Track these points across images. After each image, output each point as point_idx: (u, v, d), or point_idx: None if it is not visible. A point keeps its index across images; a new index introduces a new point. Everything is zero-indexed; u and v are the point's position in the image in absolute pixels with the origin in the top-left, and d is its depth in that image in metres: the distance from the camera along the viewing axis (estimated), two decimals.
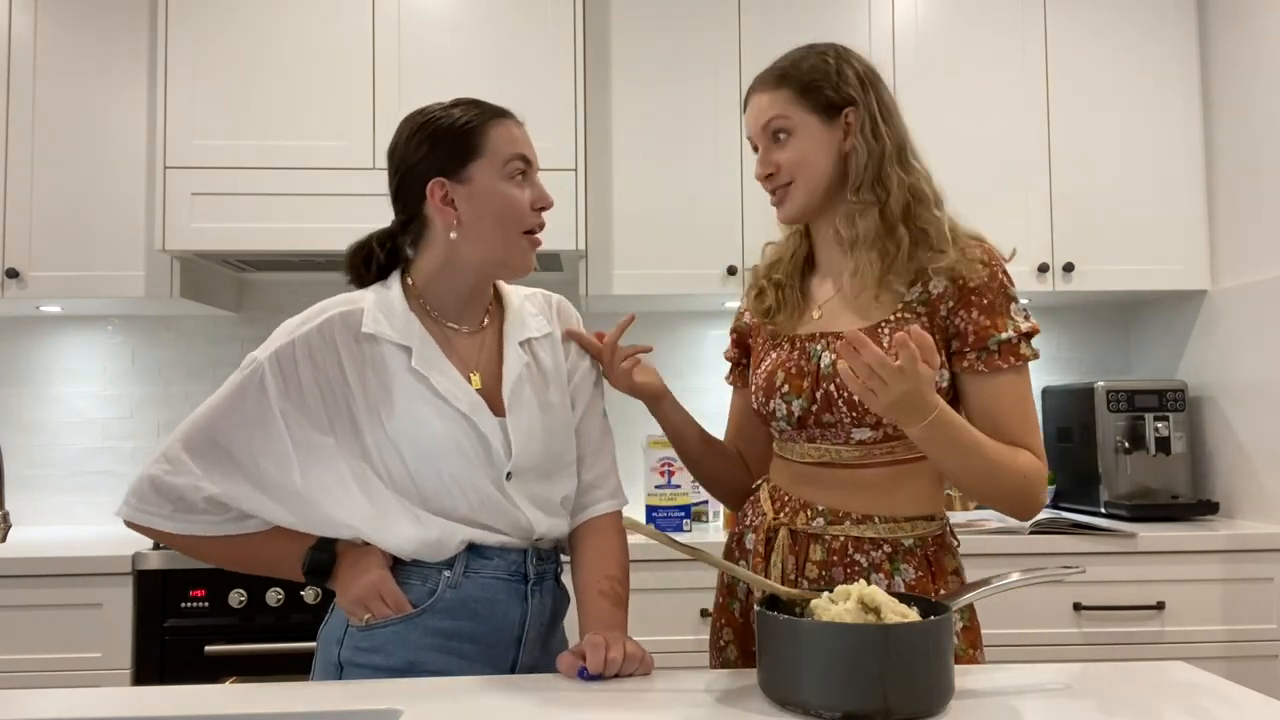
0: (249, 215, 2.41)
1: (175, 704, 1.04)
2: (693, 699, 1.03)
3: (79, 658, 2.17)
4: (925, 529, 1.28)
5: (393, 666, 1.19)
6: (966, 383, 1.26)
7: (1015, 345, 1.23)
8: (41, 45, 2.52)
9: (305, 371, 1.23)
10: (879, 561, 1.26)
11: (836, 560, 1.27)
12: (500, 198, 1.24)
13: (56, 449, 2.87)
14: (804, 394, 1.29)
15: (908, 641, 0.93)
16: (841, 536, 1.27)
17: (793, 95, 1.30)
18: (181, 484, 1.22)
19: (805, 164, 1.30)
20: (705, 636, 2.28)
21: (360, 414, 1.22)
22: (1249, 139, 2.53)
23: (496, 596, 1.24)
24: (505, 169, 1.25)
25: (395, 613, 1.20)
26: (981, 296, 1.24)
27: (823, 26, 2.60)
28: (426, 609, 1.21)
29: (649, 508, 2.45)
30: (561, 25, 2.49)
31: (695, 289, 2.60)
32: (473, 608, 1.22)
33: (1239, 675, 1.25)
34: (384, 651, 1.20)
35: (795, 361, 1.32)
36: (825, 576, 1.27)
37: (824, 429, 1.29)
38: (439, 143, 1.26)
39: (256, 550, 1.27)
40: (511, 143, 1.26)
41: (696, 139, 2.61)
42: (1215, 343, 2.63)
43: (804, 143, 1.30)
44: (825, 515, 1.29)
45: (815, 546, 1.29)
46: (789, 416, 1.31)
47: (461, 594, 1.22)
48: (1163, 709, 0.97)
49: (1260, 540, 2.30)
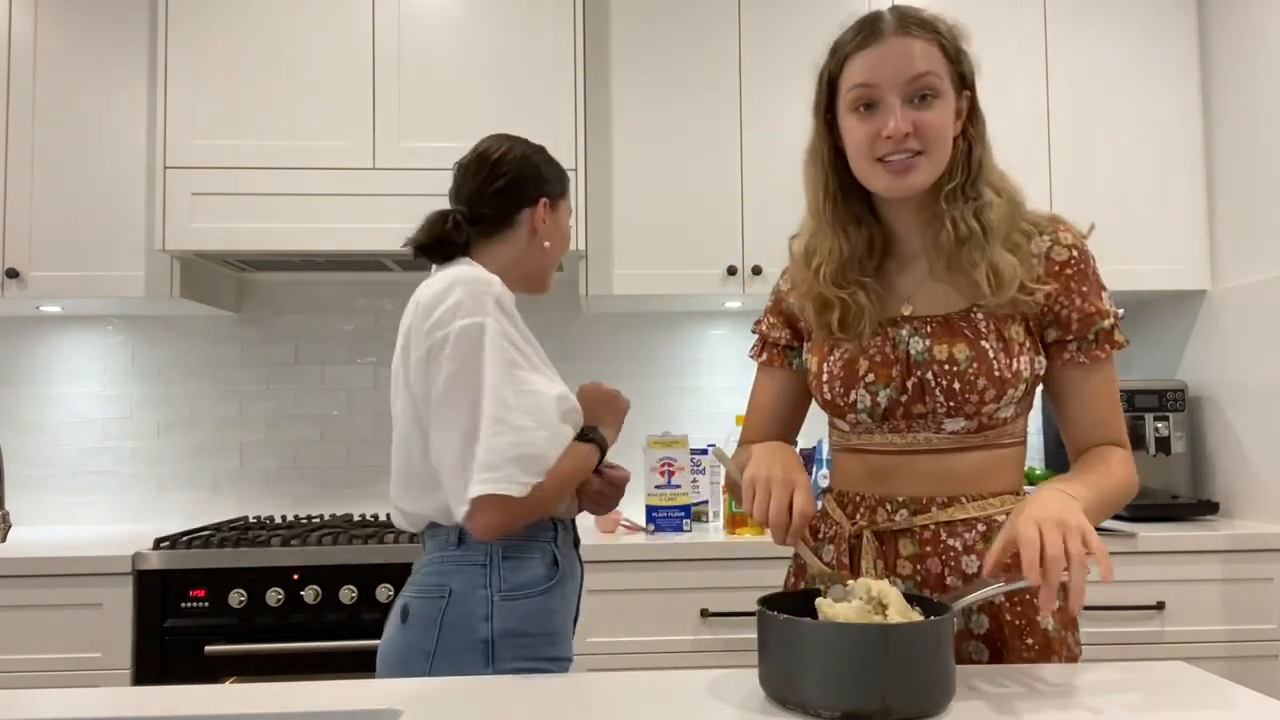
0: (249, 215, 2.41)
1: (175, 704, 1.04)
2: (693, 699, 1.03)
3: (79, 658, 2.17)
4: (1014, 503, 1.21)
5: (544, 631, 1.36)
6: (1066, 373, 1.21)
7: (1111, 333, 1.20)
8: (41, 45, 2.52)
9: (517, 319, 1.37)
10: (972, 543, 1.18)
11: (930, 550, 1.19)
12: (566, 232, 1.57)
13: (56, 449, 2.87)
14: (893, 383, 1.20)
15: (908, 641, 0.93)
16: (931, 525, 1.19)
17: (942, 55, 1.16)
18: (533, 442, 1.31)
19: (944, 140, 1.16)
20: (705, 636, 2.28)
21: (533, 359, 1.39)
22: (1249, 139, 2.53)
23: (574, 558, 1.47)
24: (571, 210, 1.60)
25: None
26: (1080, 282, 1.19)
27: (823, 26, 2.59)
28: (559, 578, 1.39)
29: (649, 508, 2.45)
30: (561, 25, 2.49)
31: (695, 289, 2.60)
32: (572, 571, 1.44)
33: (1239, 675, 1.25)
34: (537, 620, 1.35)
35: (881, 349, 1.21)
36: (921, 570, 1.19)
37: (912, 420, 1.20)
38: (553, 171, 1.53)
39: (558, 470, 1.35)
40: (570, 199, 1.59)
41: (696, 139, 2.61)
42: (1215, 343, 2.63)
43: (947, 113, 1.16)
44: (909, 506, 1.20)
45: (904, 541, 1.20)
46: (873, 408, 1.21)
47: (566, 560, 1.42)
48: (1163, 709, 0.97)
49: (1260, 540, 2.30)
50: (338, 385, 2.92)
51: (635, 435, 2.86)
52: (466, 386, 1.27)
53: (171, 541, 2.27)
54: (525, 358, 1.33)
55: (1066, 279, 1.19)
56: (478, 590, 1.33)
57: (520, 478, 1.25)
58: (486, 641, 1.31)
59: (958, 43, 1.19)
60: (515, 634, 1.32)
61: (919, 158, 1.15)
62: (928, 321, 1.21)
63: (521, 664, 1.31)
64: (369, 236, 2.39)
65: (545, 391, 1.32)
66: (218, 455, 2.89)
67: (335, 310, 2.95)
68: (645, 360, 2.98)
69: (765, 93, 2.61)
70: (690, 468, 2.47)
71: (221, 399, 2.91)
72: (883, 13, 1.18)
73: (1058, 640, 1.18)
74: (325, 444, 2.90)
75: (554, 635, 1.37)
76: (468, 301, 1.31)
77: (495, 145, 1.50)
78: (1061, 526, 0.98)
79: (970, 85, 1.21)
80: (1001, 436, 1.21)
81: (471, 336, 1.28)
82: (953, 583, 1.18)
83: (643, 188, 2.60)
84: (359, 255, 2.46)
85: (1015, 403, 1.20)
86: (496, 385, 1.27)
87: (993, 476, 1.22)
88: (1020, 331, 1.19)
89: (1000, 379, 1.16)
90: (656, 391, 2.97)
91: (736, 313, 2.97)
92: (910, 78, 1.14)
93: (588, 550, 1.81)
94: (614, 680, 1.12)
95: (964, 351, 1.17)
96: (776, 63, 2.62)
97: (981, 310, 1.19)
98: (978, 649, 1.18)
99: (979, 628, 1.18)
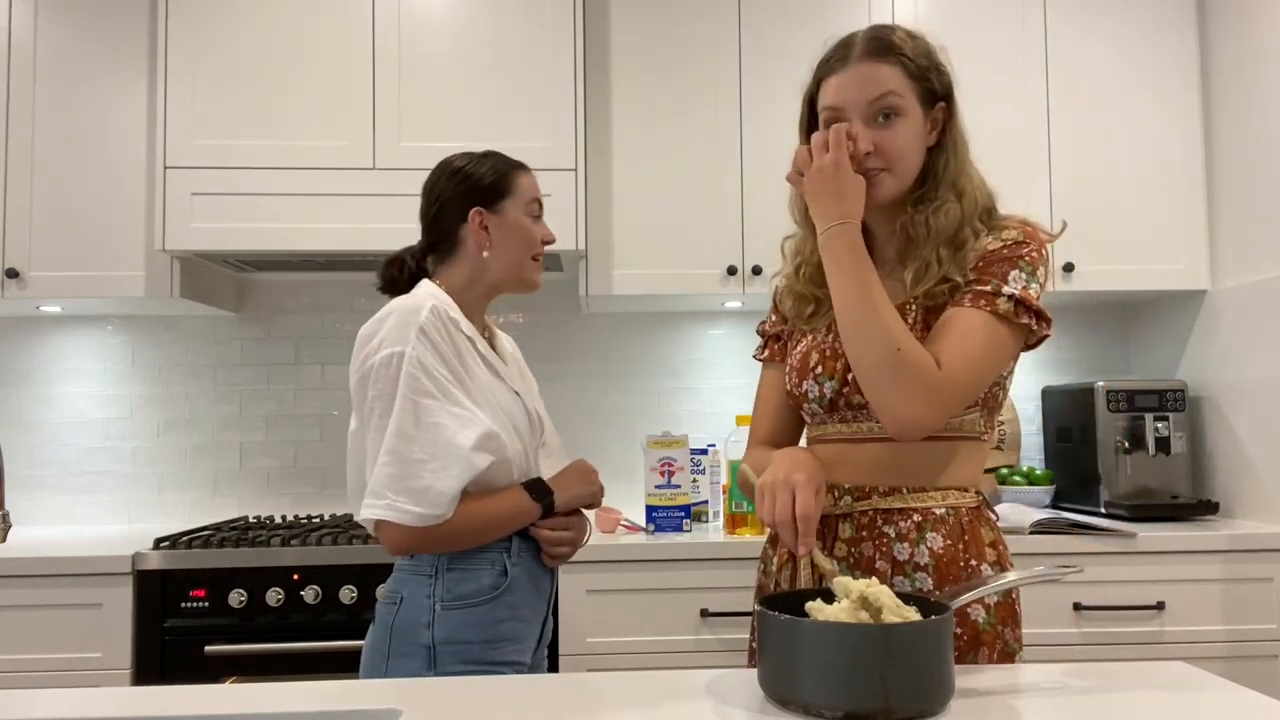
0: (249, 215, 2.41)
1: (175, 704, 1.04)
2: (693, 699, 1.03)
3: (79, 658, 2.17)
4: (959, 499, 1.25)
5: (484, 639, 1.41)
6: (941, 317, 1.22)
7: (993, 296, 1.19)
8: (41, 45, 2.52)
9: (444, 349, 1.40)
10: (906, 531, 1.24)
11: (865, 535, 1.25)
12: (516, 229, 1.55)
13: (56, 449, 2.87)
14: (835, 375, 1.27)
15: (908, 641, 0.93)
16: (869, 510, 1.26)
17: (903, 75, 1.23)
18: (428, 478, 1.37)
19: (906, 156, 1.23)
20: (705, 636, 2.28)
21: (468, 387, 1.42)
22: (1249, 139, 2.53)
23: (538, 569, 1.51)
24: (527, 208, 1.56)
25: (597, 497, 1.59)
26: (991, 261, 1.22)
27: (823, 26, 2.60)
28: (505, 589, 1.44)
29: (649, 508, 2.45)
30: (561, 26, 2.49)
31: (695, 289, 2.60)
32: (528, 582, 1.48)
33: (1239, 675, 1.25)
34: (477, 628, 1.41)
35: (829, 343, 1.30)
36: (855, 553, 1.26)
37: (855, 410, 1.27)
38: (485, 175, 1.54)
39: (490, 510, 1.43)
40: (533, 189, 1.58)
41: (697, 139, 2.61)
42: (1215, 343, 2.63)
43: (909, 131, 1.23)
44: (852, 493, 1.27)
45: (843, 525, 1.27)
46: (820, 398, 1.29)
47: (523, 569, 1.47)
48: (1163, 709, 0.97)
49: (1260, 540, 2.30)
50: (338, 385, 2.92)
51: (635, 435, 2.87)
52: (382, 415, 1.37)
53: (171, 541, 2.27)
54: (440, 388, 1.37)
55: (987, 261, 1.22)
56: (423, 599, 1.41)
57: (406, 506, 1.33)
58: (428, 647, 1.39)
59: (927, 60, 1.25)
60: (455, 641, 1.40)
61: (882, 174, 1.23)
62: None
63: (464, 667, 1.39)
64: (369, 236, 2.39)
65: (449, 424, 1.35)
66: (218, 455, 2.89)
67: (335, 310, 2.95)
68: (645, 360, 2.98)
69: (765, 93, 2.61)
70: (690, 468, 2.47)
71: (221, 399, 2.91)
72: (853, 37, 1.27)
73: (989, 634, 1.22)
74: (325, 444, 2.90)
75: (499, 641, 1.43)
76: (392, 333, 1.39)
77: (432, 172, 1.58)
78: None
79: (945, 96, 1.27)
80: (944, 429, 1.23)
81: (391, 367, 1.37)
82: (881, 567, 1.24)
83: (643, 188, 2.60)
84: (359, 255, 2.46)
85: None
86: (399, 416, 1.35)
87: (938, 469, 1.25)
88: None
89: None
90: (656, 391, 2.97)
91: (736, 313, 2.97)
92: (870, 100, 1.22)
93: (588, 550, 1.81)
94: (614, 680, 1.12)
95: None
96: (777, 63, 2.62)
97: (915, 303, 1.24)
98: None
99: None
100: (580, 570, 2.21)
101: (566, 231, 2.45)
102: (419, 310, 1.40)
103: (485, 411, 1.41)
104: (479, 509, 1.40)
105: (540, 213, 1.59)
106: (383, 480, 1.34)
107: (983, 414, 1.28)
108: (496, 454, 1.40)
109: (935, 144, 1.27)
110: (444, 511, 1.35)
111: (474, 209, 1.52)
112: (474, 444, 1.36)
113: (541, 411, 1.58)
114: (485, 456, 1.38)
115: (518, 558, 1.47)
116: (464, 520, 1.38)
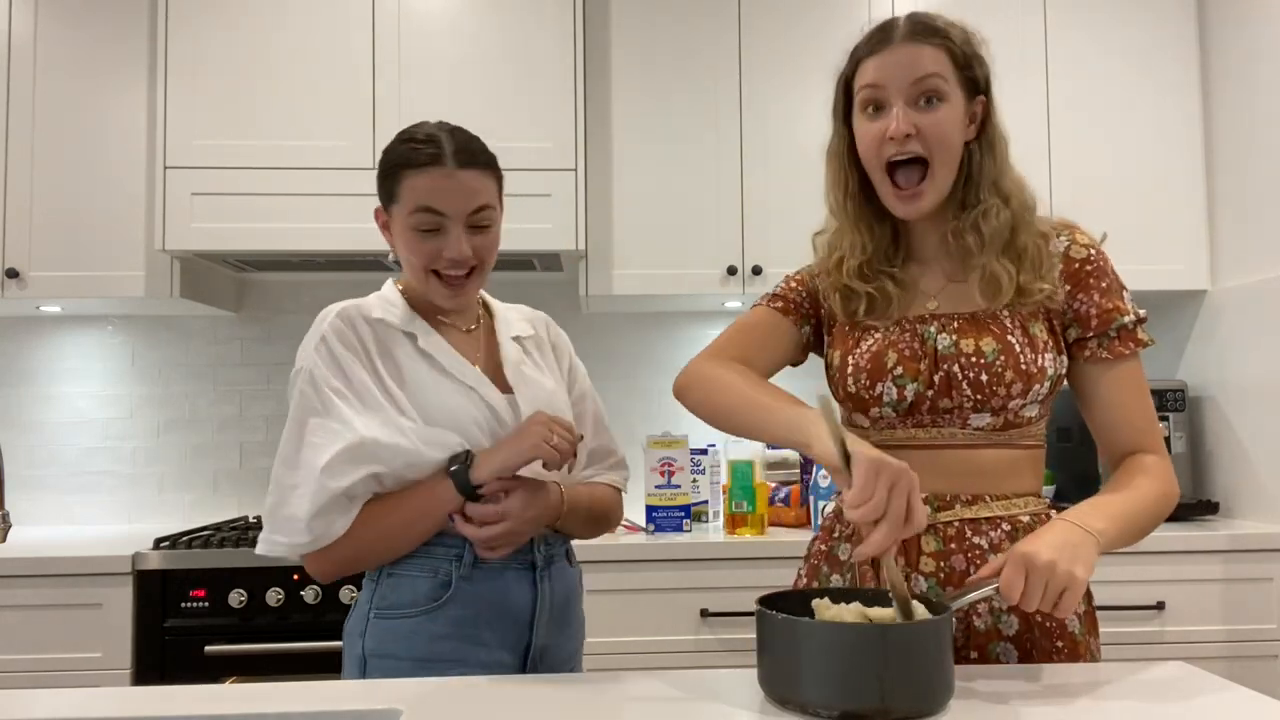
0: (249, 215, 2.41)
1: (175, 704, 1.04)
2: (693, 699, 1.03)
3: (79, 658, 2.17)
4: (1038, 505, 1.23)
5: (415, 657, 1.25)
6: (1089, 372, 1.22)
7: (1134, 330, 1.20)
8: (41, 45, 2.52)
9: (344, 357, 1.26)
10: (998, 542, 1.18)
11: (955, 547, 1.18)
12: (402, 245, 1.32)
13: (56, 449, 2.87)
14: (920, 377, 1.19)
15: (907, 641, 0.93)
16: (955, 521, 1.19)
17: (949, 60, 1.17)
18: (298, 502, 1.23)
19: (948, 143, 1.17)
20: (705, 636, 2.28)
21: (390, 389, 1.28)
22: (1249, 139, 2.53)
23: (508, 586, 1.30)
24: (410, 219, 1.28)
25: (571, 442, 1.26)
26: (1099, 279, 1.21)
27: (824, 27, 2.60)
28: (445, 601, 1.26)
29: (649, 508, 2.45)
30: (561, 26, 2.49)
31: (695, 289, 2.60)
32: (486, 598, 1.28)
33: (1239, 675, 1.25)
34: (406, 641, 1.25)
35: (908, 342, 1.21)
36: (945, 568, 1.18)
37: (938, 415, 1.20)
38: (382, 175, 1.33)
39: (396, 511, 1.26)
40: (424, 195, 1.27)
41: (697, 138, 2.61)
42: (1215, 343, 2.63)
43: (953, 115, 1.17)
44: (932, 502, 1.19)
45: (927, 538, 1.19)
46: (899, 402, 1.20)
47: (474, 585, 1.28)
48: (1163, 709, 0.97)
49: (1260, 540, 2.30)
50: None
51: (635, 435, 2.86)
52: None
53: (171, 541, 2.27)
54: (324, 402, 1.23)
55: (1085, 275, 1.21)
56: (364, 603, 1.31)
57: (275, 537, 1.22)
58: (361, 657, 1.28)
59: (970, 48, 1.21)
60: (383, 654, 1.26)
61: (925, 182, 1.18)
62: (954, 318, 1.22)
63: None
64: (369, 237, 2.36)
65: (318, 443, 1.22)
66: (218, 455, 2.89)
67: None
68: (645, 360, 2.98)
69: (766, 92, 2.61)
70: (690, 468, 2.47)
71: (221, 399, 2.90)
72: (897, 20, 1.21)
73: (1083, 644, 1.19)
74: None
75: (434, 662, 1.24)
76: (304, 345, 1.29)
77: None
78: (1048, 573, 1.00)
79: (984, 90, 1.23)
80: (1024, 437, 1.22)
81: (293, 386, 1.27)
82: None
83: (643, 187, 2.60)
84: (359, 255, 2.46)
85: (1039, 401, 1.21)
86: (284, 442, 1.25)
87: (1015, 476, 1.22)
88: (1044, 329, 1.21)
89: (1027, 373, 1.18)
90: (656, 391, 2.96)
91: (736, 313, 2.97)
92: (914, 80, 1.16)
93: (588, 550, 1.81)
94: (614, 680, 1.12)
95: (991, 345, 1.18)
96: (777, 62, 2.62)
97: (1007, 308, 1.21)
98: (1006, 650, 1.17)
99: (1008, 628, 1.18)
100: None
101: (566, 231, 2.45)
102: (323, 319, 1.29)
103: (376, 416, 1.24)
104: (380, 513, 1.24)
105: (436, 226, 1.27)
106: (266, 510, 1.25)
107: (1045, 420, 1.27)
108: (382, 463, 1.23)
109: (974, 139, 1.22)
110: (309, 538, 1.20)
111: (378, 205, 1.35)
112: (327, 462, 1.20)
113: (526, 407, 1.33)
114: (348, 472, 1.21)
115: (469, 570, 1.27)
116: (367, 529, 1.23)
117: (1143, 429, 1.22)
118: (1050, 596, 1.00)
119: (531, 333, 1.46)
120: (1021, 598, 1.00)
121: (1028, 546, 1.03)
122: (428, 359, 1.31)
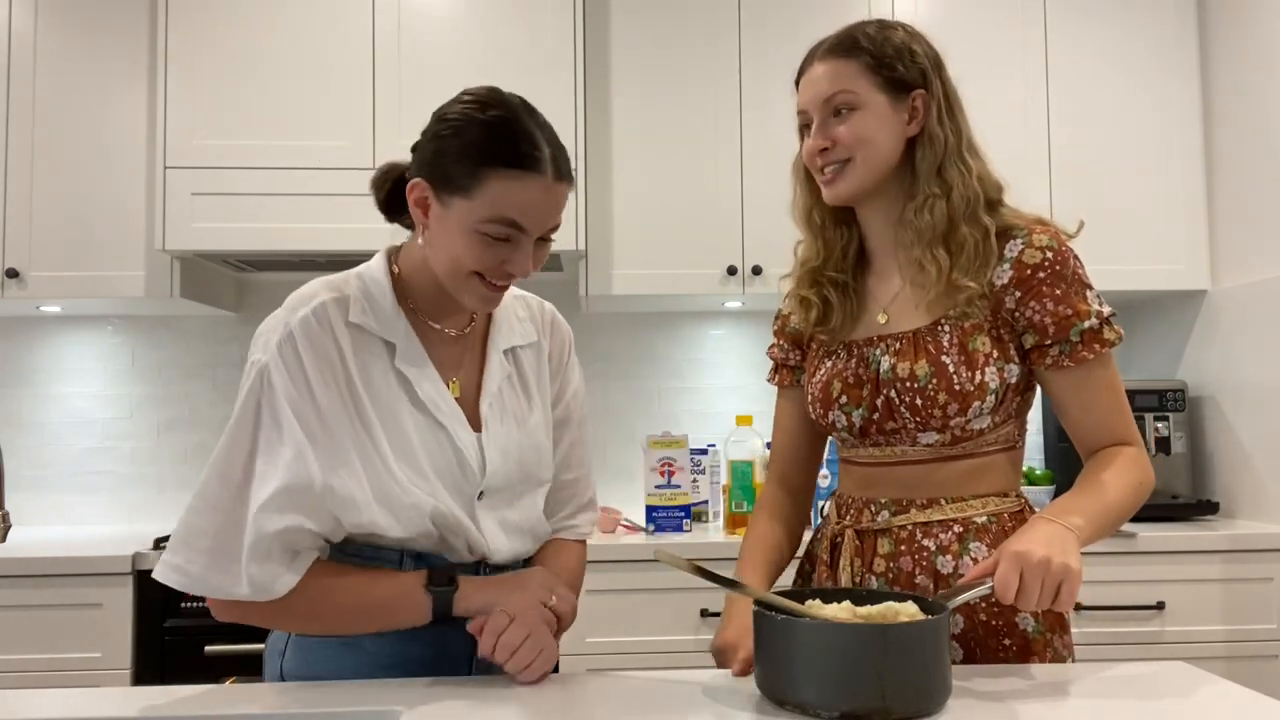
0: (249, 215, 2.41)
1: (175, 704, 1.04)
2: (692, 699, 1.03)
3: (79, 658, 2.17)
4: (1000, 505, 1.23)
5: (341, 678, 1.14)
6: (1055, 379, 1.21)
7: (1099, 332, 1.18)
8: (41, 45, 2.52)
9: (312, 369, 1.10)
10: (947, 544, 1.20)
11: (904, 549, 1.22)
12: (457, 243, 1.11)
13: (56, 449, 2.87)
14: (864, 404, 1.24)
15: (906, 641, 0.93)
16: (908, 525, 1.22)
17: (861, 69, 1.22)
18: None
19: (868, 141, 1.21)
20: (705, 636, 2.28)
21: (360, 397, 1.13)
22: (1249, 139, 2.53)
23: (449, 624, 1.13)
24: (483, 225, 1.09)
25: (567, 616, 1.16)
26: (1054, 284, 1.18)
27: (824, 27, 2.59)
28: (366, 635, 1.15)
29: (649, 508, 2.45)
30: (561, 26, 2.49)
31: (695, 289, 2.60)
32: (418, 634, 1.14)
33: (1239, 675, 1.25)
34: (326, 665, 1.15)
35: (852, 370, 1.26)
36: (893, 569, 1.22)
37: (887, 435, 1.24)
38: (443, 150, 1.13)
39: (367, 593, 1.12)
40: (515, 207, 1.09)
41: (697, 138, 2.61)
42: (1215, 343, 2.63)
43: (869, 119, 1.21)
44: (889, 508, 1.24)
45: (882, 540, 1.24)
46: (850, 427, 1.26)
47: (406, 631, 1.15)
48: (1163, 709, 0.97)
49: (1260, 540, 2.30)
50: None
51: (635, 435, 2.86)
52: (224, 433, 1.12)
53: None
54: (280, 419, 1.08)
55: (1037, 282, 1.19)
56: None
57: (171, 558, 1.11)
58: (280, 678, 1.18)
59: (889, 49, 1.23)
60: (298, 676, 1.16)
61: (847, 165, 1.23)
62: (898, 339, 1.24)
63: None
64: (369, 236, 2.37)
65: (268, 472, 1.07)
66: None
67: None
68: (645, 360, 2.98)
69: (765, 92, 2.60)
70: (690, 468, 2.47)
71: (221, 399, 2.90)
72: (818, 43, 1.28)
73: (1039, 641, 1.19)
74: None
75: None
76: (267, 330, 1.12)
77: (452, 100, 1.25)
78: (1043, 570, 1.01)
79: (922, 84, 1.23)
80: (981, 446, 1.23)
81: (247, 375, 1.11)
82: (922, 582, 1.21)
83: (643, 187, 2.60)
84: (359, 255, 2.43)
85: (987, 414, 1.21)
86: (226, 449, 1.12)
87: (976, 481, 1.23)
88: (986, 343, 1.20)
89: (962, 393, 1.18)
90: (656, 391, 2.96)
91: (736, 313, 2.97)
92: (825, 99, 1.23)
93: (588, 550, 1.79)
94: (613, 680, 1.12)
95: (924, 368, 1.20)
96: (777, 62, 2.61)
97: (948, 323, 1.21)
98: (952, 648, 1.17)
99: (954, 627, 1.19)
100: None
101: (566, 231, 2.43)
102: (298, 308, 1.13)
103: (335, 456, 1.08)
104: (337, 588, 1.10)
105: (509, 236, 1.10)
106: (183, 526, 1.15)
107: (1015, 424, 1.26)
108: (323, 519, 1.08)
109: (916, 135, 1.23)
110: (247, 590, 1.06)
111: (419, 178, 1.13)
112: (268, 497, 1.06)
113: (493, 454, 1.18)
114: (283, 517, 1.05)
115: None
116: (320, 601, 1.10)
117: (1115, 426, 1.22)
118: (1049, 591, 1.01)
119: (532, 340, 1.30)
120: (1019, 595, 1.01)
121: (1019, 545, 1.03)
122: (403, 383, 1.15)
